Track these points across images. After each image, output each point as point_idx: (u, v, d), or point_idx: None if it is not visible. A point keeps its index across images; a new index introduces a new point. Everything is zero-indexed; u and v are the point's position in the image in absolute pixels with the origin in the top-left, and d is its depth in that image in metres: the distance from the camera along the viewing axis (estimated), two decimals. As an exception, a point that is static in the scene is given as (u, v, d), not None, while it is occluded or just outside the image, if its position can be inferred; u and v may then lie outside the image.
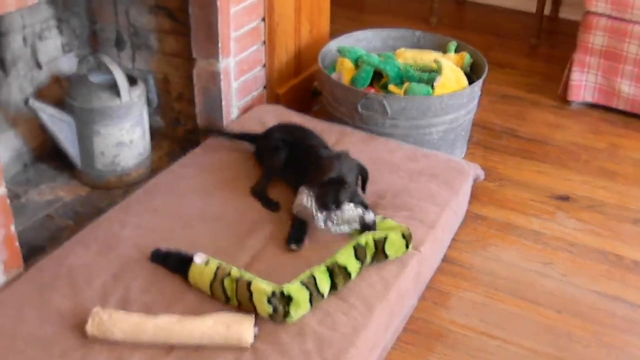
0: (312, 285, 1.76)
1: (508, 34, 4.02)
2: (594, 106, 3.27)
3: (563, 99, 3.31)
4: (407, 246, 1.98)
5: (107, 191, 2.53)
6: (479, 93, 2.74)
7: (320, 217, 1.99)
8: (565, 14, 4.19)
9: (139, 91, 2.48)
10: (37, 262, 1.96)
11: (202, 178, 2.32)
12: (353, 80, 2.72)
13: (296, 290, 1.73)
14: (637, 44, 3.02)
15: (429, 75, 2.73)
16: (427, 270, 2.17)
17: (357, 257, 1.87)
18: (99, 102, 2.39)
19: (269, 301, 1.71)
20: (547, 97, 3.36)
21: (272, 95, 2.88)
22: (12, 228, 1.90)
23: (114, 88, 2.41)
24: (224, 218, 2.14)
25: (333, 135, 2.55)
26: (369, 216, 1.98)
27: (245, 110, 2.74)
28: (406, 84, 2.61)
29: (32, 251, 2.19)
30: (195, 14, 2.47)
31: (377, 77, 2.77)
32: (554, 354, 2.02)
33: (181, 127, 2.83)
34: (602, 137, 3.07)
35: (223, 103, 2.61)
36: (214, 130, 2.55)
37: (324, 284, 1.79)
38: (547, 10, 4.02)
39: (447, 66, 2.64)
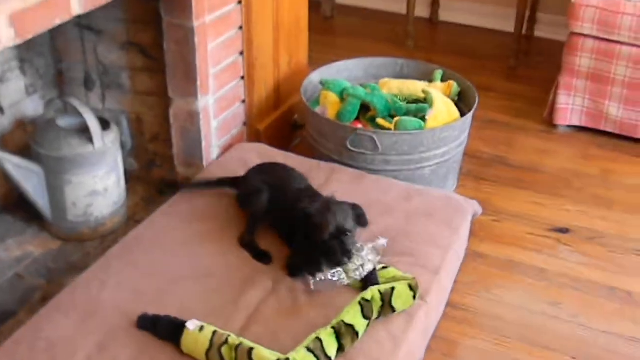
0: (319, 350, 1.60)
1: (485, 56, 3.94)
2: (581, 129, 3.19)
3: (549, 123, 3.22)
4: (414, 297, 1.84)
5: (80, 244, 2.34)
6: (470, 124, 2.62)
7: (336, 274, 1.88)
8: (540, 32, 4.13)
9: (112, 135, 2.30)
10: (10, 333, 1.77)
11: (186, 228, 2.15)
12: (339, 115, 2.58)
13: (302, 357, 1.57)
14: (625, 65, 2.95)
15: (417, 107, 2.61)
16: (434, 320, 2.03)
17: (364, 314, 1.73)
18: (69, 150, 2.21)
19: (274, 371, 1.56)
20: (534, 121, 3.27)
21: (253, 131, 2.73)
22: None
23: (85, 133, 2.23)
24: (214, 274, 1.97)
25: (322, 174, 2.40)
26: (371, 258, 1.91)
27: (226, 149, 2.58)
28: (397, 118, 2.48)
29: (3, 317, 2.00)
30: (172, 51, 2.30)
31: (364, 110, 2.64)
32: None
33: (157, 169, 2.65)
34: (593, 163, 2.99)
35: (203, 144, 2.45)
36: (191, 185, 2.37)
37: (331, 347, 1.64)
38: (522, 29, 3.94)
39: (437, 98, 2.52)
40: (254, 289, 1.91)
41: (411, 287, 1.83)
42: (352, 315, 1.70)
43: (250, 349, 1.59)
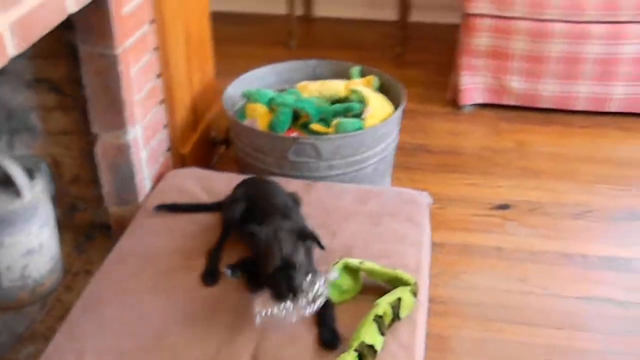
0: None
1: (369, 46, 3.96)
2: (485, 106, 3.29)
3: (454, 104, 3.30)
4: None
5: (19, 311, 2.09)
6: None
7: (283, 311, 1.69)
8: (415, 17, 4.21)
9: (40, 184, 2.06)
10: None
11: (147, 272, 1.96)
12: (272, 126, 2.47)
13: None
14: (523, 39, 3.06)
15: (345, 107, 2.56)
16: (425, 317, 2.01)
17: (380, 331, 1.66)
18: (-4, 209, 1.96)
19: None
20: (438, 104, 3.33)
21: (177, 156, 2.56)
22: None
23: (8, 186, 1.98)
24: (197, 315, 1.81)
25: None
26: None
27: (156, 179, 2.40)
28: (335, 121, 2.42)
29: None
30: (92, 83, 2.09)
31: (294, 118, 2.55)
32: (578, 375, 1.95)
33: (80, 214, 2.42)
34: (507, 137, 3.09)
35: (136, 178, 2.26)
36: (174, 206, 2.20)
37: None
38: (406, 16, 4.00)
39: (370, 95, 2.48)
40: (246, 322, 1.78)
41: (413, 293, 1.79)
42: (371, 335, 1.63)
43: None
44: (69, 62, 2.13)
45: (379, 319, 1.67)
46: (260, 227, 1.78)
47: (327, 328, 1.70)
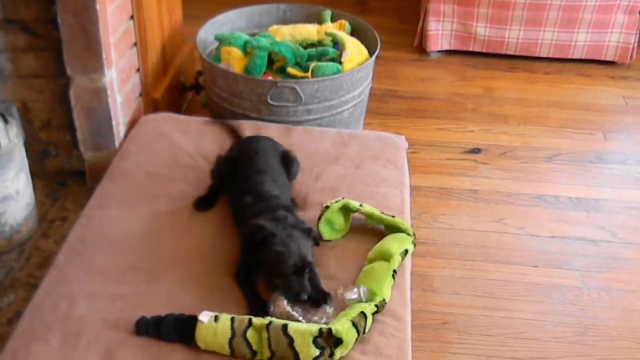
0: (362, 326, 1.53)
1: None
2: (451, 52, 3.31)
3: (421, 51, 3.31)
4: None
5: (-4, 259, 2.04)
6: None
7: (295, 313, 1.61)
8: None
9: (14, 129, 1.99)
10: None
11: (132, 215, 1.93)
12: (248, 70, 2.43)
13: (347, 331, 1.49)
14: (490, -14, 3.08)
15: (319, 51, 2.54)
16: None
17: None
18: (-28, 154, 1.88)
19: (315, 342, 1.46)
20: (405, 51, 3.34)
21: (149, 102, 2.50)
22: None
23: (-17, 132, 1.91)
24: (186, 260, 1.80)
25: (247, 133, 2.26)
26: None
27: (130, 125, 2.34)
28: (313, 64, 2.39)
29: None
30: (68, 23, 2.02)
31: (269, 62, 2.51)
32: (558, 309, 2.03)
33: (52, 160, 2.34)
34: (474, 83, 3.12)
35: (113, 122, 2.20)
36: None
37: (369, 323, 1.57)
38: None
39: (347, 39, 2.47)
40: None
41: (413, 243, 1.82)
42: (388, 292, 1.65)
43: (284, 325, 1.48)
44: (42, 1, 2.04)
45: (394, 274, 1.68)
46: (269, 224, 1.68)
47: (314, 287, 1.67)
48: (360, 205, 1.84)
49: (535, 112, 2.93)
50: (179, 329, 1.54)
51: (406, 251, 1.75)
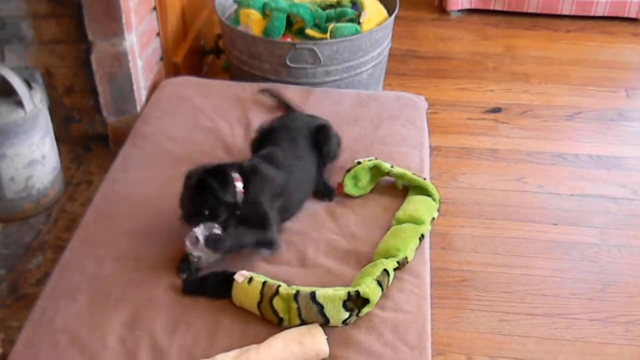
0: (385, 283, 1.56)
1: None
2: (471, 11, 3.28)
3: (441, 10, 3.28)
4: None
5: (24, 222, 2.09)
6: (393, 21, 2.60)
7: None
8: None
9: (39, 94, 2.03)
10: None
11: (153, 178, 1.96)
12: (267, 32, 2.44)
13: (373, 290, 1.52)
14: (512, -58, 3.04)
15: (338, 12, 2.54)
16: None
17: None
18: (-2, 119, 1.92)
19: (345, 306, 1.50)
20: (425, 11, 3.32)
21: (170, 66, 2.53)
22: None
23: (9, 97, 1.95)
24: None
25: (266, 96, 2.28)
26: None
27: (151, 89, 2.37)
28: (332, 26, 2.40)
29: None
30: (88, -12, 2.04)
31: (287, 24, 2.51)
32: (577, 266, 2.04)
33: (76, 125, 2.38)
34: (495, 42, 3.10)
35: (134, 87, 2.23)
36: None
37: (391, 280, 1.60)
38: None
39: (365, -1, 2.46)
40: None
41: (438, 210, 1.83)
42: (412, 252, 1.67)
43: (313, 293, 1.51)
44: (61, -33, 2.06)
45: (422, 237, 1.71)
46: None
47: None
48: (392, 167, 1.85)
49: (556, 70, 2.91)
50: (220, 286, 1.58)
51: (433, 219, 1.77)
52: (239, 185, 1.65)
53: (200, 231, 1.61)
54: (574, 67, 2.93)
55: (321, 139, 1.88)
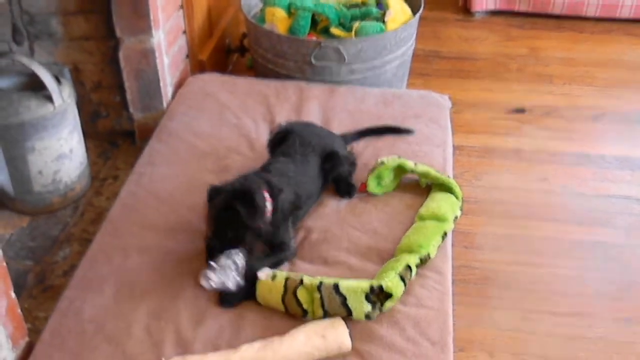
0: (407, 278, 1.57)
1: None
2: (496, 13, 3.28)
3: (465, 11, 3.28)
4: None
5: (52, 215, 2.12)
6: (418, 20, 2.61)
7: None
8: None
9: (67, 90, 2.06)
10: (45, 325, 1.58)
11: (179, 173, 1.99)
12: (292, 30, 2.46)
13: (395, 285, 1.53)
14: (537, -56, 3.04)
15: (362, 11, 2.55)
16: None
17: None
18: (28, 113, 1.95)
19: (367, 298, 1.51)
20: (450, 11, 3.32)
21: (196, 63, 2.55)
22: (12, 294, 1.51)
23: (38, 91, 1.98)
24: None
25: (291, 94, 2.30)
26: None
27: (177, 86, 2.40)
28: (356, 24, 2.41)
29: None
30: (117, -15, 2.07)
31: (312, 23, 2.53)
32: (601, 266, 2.03)
33: (103, 120, 2.42)
34: (520, 43, 3.09)
35: (161, 84, 2.26)
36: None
37: (414, 274, 1.61)
38: None
39: (390, -3, 2.47)
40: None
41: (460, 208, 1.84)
42: (435, 249, 1.68)
43: (336, 285, 1.52)
44: (91, -36, 2.10)
45: (444, 235, 1.72)
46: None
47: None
48: (415, 165, 1.85)
49: (581, 71, 2.90)
50: (245, 286, 1.59)
51: (456, 217, 1.77)
52: (269, 205, 1.63)
53: (224, 263, 1.58)
54: (598, 69, 2.92)
55: (328, 167, 1.86)
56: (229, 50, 2.82)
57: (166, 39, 2.27)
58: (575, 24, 3.21)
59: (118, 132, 2.42)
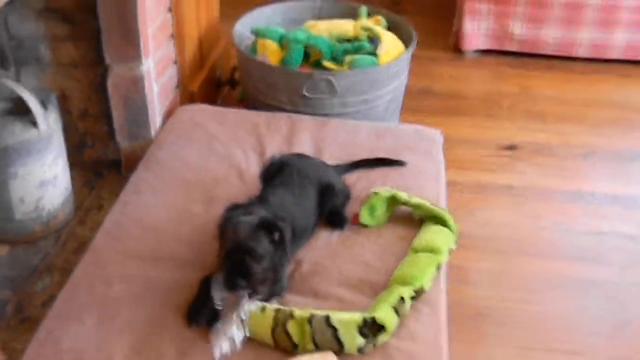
0: (401, 309, 1.52)
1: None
2: (486, 52, 3.29)
3: (456, 50, 3.29)
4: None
5: (32, 244, 2.05)
6: (410, 55, 2.60)
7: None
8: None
9: (53, 115, 2.02)
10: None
11: (166, 202, 1.94)
12: (284, 63, 2.44)
13: (389, 318, 1.47)
14: (527, -15, 3.06)
15: (355, 46, 2.54)
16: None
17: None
18: (12, 137, 1.90)
19: (360, 331, 1.45)
20: (440, 50, 3.32)
21: (186, 94, 2.52)
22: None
23: (24, 117, 1.93)
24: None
25: (283, 125, 2.26)
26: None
27: (166, 116, 2.36)
28: (349, 57, 2.40)
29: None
30: (107, 13, 2.05)
31: (305, 56, 2.51)
32: (596, 304, 1.99)
33: (89, 150, 2.37)
34: (511, 81, 3.10)
35: (149, 112, 2.22)
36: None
37: (408, 307, 1.56)
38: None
39: (383, 32, 2.47)
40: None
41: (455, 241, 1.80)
42: (429, 282, 1.63)
43: (327, 317, 1.46)
44: (81, -10, 2.07)
45: (438, 267, 1.67)
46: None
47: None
48: (409, 197, 1.82)
49: (572, 110, 2.90)
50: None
51: (450, 249, 1.73)
52: None
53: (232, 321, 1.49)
54: (589, 108, 2.92)
55: (326, 199, 1.81)
56: (219, 83, 2.80)
57: (156, 67, 2.24)
58: (565, 64, 3.22)
59: (104, 162, 2.37)
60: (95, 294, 1.63)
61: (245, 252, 1.48)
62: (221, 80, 2.80)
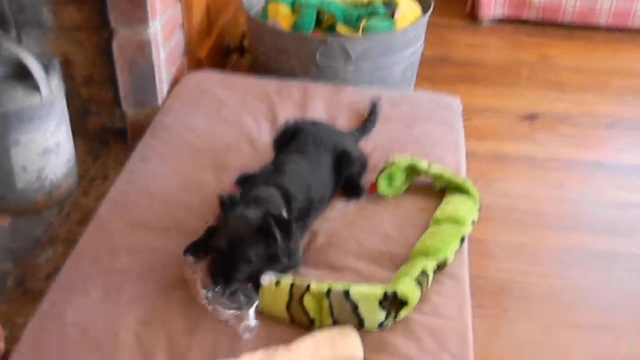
0: (424, 285, 1.44)
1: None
2: (503, 21, 3.18)
3: (473, 18, 3.19)
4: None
5: (35, 215, 1.97)
6: (426, 21, 2.50)
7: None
8: None
9: (56, 80, 1.93)
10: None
11: (173, 170, 1.85)
12: (295, 27, 2.34)
13: (411, 291, 1.39)
14: (547, -51, 2.95)
15: (368, 10, 2.44)
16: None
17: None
18: (13, 103, 1.82)
19: (381, 306, 1.37)
20: (457, 18, 3.22)
21: (193, 61, 2.43)
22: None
23: (25, 82, 1.84)
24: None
25: (295, 93, 2.17)
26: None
27: (173, 83, 2.27)
28: (364, 22, 2.30)
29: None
30: (112, -28, 1.95)
31: (317, 21, 2.41)
32: (623, 277, 1.91)
33: (93, 118, 2.28)
34: (529, 50, 3.00)
35: (156, 78, 2.13)
36: None
37: (431, 280, 1.48)
38: None
39: (399, -5, 2.36)
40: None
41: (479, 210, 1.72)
42: (452, 254, 1.55)
43: (346, 291, 1.38)
44: (85, -51, 1.98)
45: (462, 239, 1.59)
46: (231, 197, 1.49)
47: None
48: (429, 166, 1.73)
49: (593, 79, 2.81)
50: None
51: (473, 221, 1.65)
52: (284, 214, 1.51)
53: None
54: (611, 77, 2.82)
55: (342, 167, 1.73)
56: (228, 50, 2.70)
57: (163, 31, 2.14)
58: (585, 33, 3.12)
59: (109, 131, 2.28)
60: (101, 265, 1.55)
61: (238, 259, 1.42)
62: (230, 47, 2.70)
